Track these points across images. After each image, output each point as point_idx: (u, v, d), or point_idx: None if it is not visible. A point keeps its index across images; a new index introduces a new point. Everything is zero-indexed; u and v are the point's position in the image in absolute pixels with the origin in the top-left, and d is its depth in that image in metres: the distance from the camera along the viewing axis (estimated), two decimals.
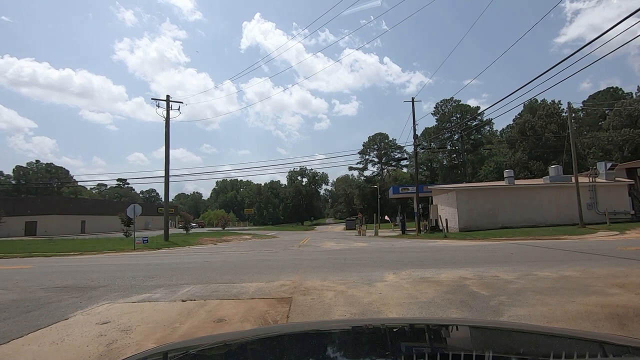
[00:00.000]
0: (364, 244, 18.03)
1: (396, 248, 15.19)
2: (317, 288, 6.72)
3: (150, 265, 11.50)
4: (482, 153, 69.58)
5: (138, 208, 20.00)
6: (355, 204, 78.20)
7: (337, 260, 11.14)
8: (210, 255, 14.67)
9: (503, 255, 11.14)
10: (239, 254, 14.82)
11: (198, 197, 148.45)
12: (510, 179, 26.40)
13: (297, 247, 17.47)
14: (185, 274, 9.07)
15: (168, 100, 24.61)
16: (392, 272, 8.26)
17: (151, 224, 65.60)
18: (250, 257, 13.22)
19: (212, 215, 73.68)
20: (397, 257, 11.56)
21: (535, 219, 23.98)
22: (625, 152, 44.07)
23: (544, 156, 54.08)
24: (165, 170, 24.01)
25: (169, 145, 24.17)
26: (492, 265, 8.99)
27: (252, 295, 6.31)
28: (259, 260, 11.95)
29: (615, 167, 25.52)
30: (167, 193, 24.54)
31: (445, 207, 27.00)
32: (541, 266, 8.50)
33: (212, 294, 6.46)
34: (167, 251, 18.04)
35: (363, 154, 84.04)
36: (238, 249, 17.70)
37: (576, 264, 8.58)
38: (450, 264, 9.50)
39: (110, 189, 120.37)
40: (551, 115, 57.35)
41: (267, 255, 13.98)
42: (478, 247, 14.32)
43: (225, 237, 31.70)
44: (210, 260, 12.53)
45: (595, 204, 24.31)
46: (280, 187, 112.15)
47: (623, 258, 9.41)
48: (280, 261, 11.58)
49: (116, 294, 6.81)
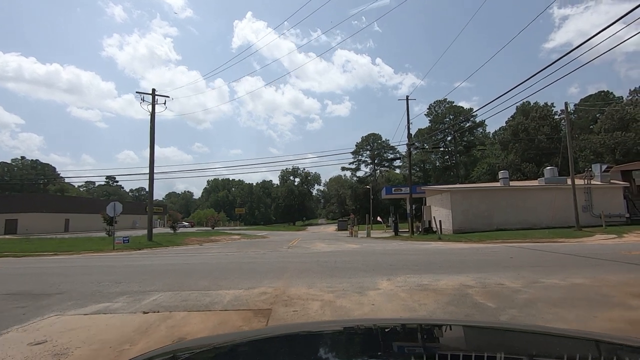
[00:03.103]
0: (356, 246, 17.30)
1: (389, 250, 14.48)
2: (302, 297, 5.95)
3: (124, 268, 10.60)
4: (475, 155, 69.47)
5: (119, 206, 18.99)
6: (348, 204, 77.54)
7: (326, 263, 10.37)
8: (192, 257, 13.79)
9: (503, 259, 10.49)
10: (223, 256, 13.96)
11: (189, 196, 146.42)
12: (505, 180, 25.93)
13: (285, 249, 16.66)
14: (158, 279, 8.22)
15: (154, 95, 23.60)
16: (386, 278, 7.51)
17: (139, 223, 64.22)
18: (235, 259, 12.38)
19: (201, 215, 72.24)
20: (390, 260, 10.84)
21: (530, 221, 23.50)
22: (617, 155, 44.11)
23: (536, 158, 54.05)
24: (149, 167, 23.01)
25: (153, 141, 23.19)
26: (493, 270, 8.31)
27: (226, 305, 5.50)
28: (243, 263, 11.12)
29: (611, 170, 25.21)
30: (152, 190, 23.52)
31: (439, 208, 26.42)
32: (546, 272, 7.84)
33: (181, 304, 5.64)
34: (148, 252, 17.08)
35: (356, 154, 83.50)
36: (224, 250, 16.83)
37: (583, 270, 7.94)
38: (448, 268, 8.80)
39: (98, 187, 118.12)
40: (544, 117, 57.41)
41: (253, 257, 13.15)
42: (475, 250, 13.68)
43: (214, 237, 30.75)
44: (191, 263, 11.66)
45: (590, 206, 23.94)
46: (272, 187, 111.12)
47: (631, 264, 8.81)
48: (265, 264, 10.77)
49: (71, 302, 5.95)
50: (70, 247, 18.67)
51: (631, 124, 46.26)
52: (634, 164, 26.39)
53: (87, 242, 22.23)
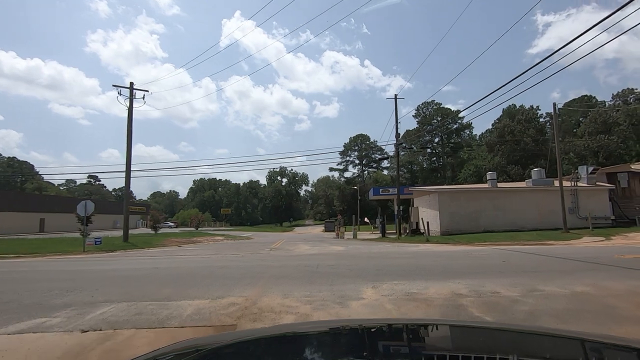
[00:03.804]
0: (341, 248, 16.61)
1: (376, 253, 13.84)
2: (275, 309, 5.20)
3: (84, 273, 9.64)
4: (462, 156, 69.84)
5: (90, 205, 17.86)
6: (335, 205, 76.92)
7: (308, 268, 9.63)
8: (165, 260, 12.86)
9: (494, 263, 9.95)
10: (199, 259, 13.07)
11: (174, 196, 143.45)
12: (493, 182, 25.70)
13: (267, 251, 15.84)
14: (117, 286, 7.34)
15: (131, 88, 22.47)
16: (371, 286, 6.83)
17: (120, 223, 62.28)
18: (210, 263, 11.52)
19: (185, 215, 70.47)
20: (376, 264, 10.17)
21: (517, 223, 23.26)
22: (600, 158, 44.72)
23: (522, 161, 54.51)
24: (126, 164, 21.86)
25: (131, 137, 22.04)
26: (486, 276, 7.72)
27: (185, 321, 4.71)
28: (218, 267, 10.29)
29: (597, 172, 25.23)
30: (128, 189, 22.36)
31: (426, 210, 26.00)
32: (543, 278, 7.29)
33: (132, 319, 4.81)
34: (119, 254, 16.01)
35: (344, 155, 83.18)
36: (201, 252, 15.91)
37: (581, 276, 7.42)
38: (438, 274, 8.18)
39: (80, 186, 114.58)
40: (529, 120, 58.01)
41: (230, 260, 12.31)
42: (464, 253, 13.16)
43: (196, 238, 29.68)
44: (161, 267, 10.76)
45: (576, 208, 23.87)
46: (260, 187, 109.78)
47: (629, 268, 8.36)
48: (242, 268, 9.96)
49: (4, 317, 5.05)
50: (36, 249, 17.43)
51: (614, 127, 47.06)
52: (619, 167, 26.51)
53: (57, 243, 20.94)
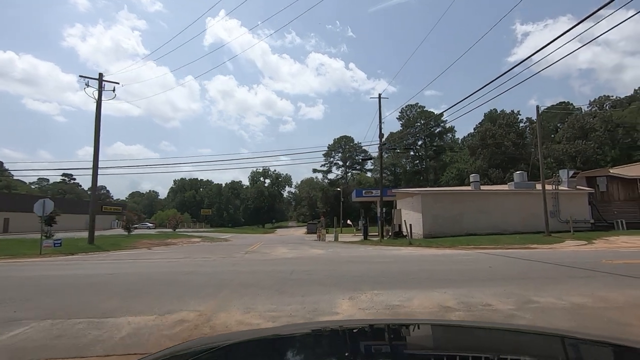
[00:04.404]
0: (321, 251, 15.80)
1: (356, 257, 13.09)
2: (231, 328, 4.33)
3: (25, 280, 8.48)
4: (444, 160, 70.37)
5: (49, 203, 16.45)
6: (319, 207, 76.15)
7: (281, 274, 8.77)
8: (127, 265, 11.73)
9: (481, 269, 9.34)
10: (165, 263, 12.00)
11: (154, 196, 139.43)
12: (476, 184, 25.47)
13: (242, 254, 14.86)
14: (54, 297, 6.30)
15: (100, 80, 21.05)
16: (347, 296, 6.03)
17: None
18: (176, 268, 10.49)
19: (163, 216, 68.11)
20: (356, 270, 9.41)
21: (500, 226, 23.04)
22: (577, 163, 45.59)
23: (502, 164, 55.18)
24: (93, 160, 20.42)
25: (99, 132, 20.62)
26: (474, 284, 7.06)
27: (114, 347, 3.77)
28: (183, 273, 9.29)
29: (577, 176, 25.36)
30: (95, 186, 20.91)
31: (409, 212, 25.52)
32: (535, 286, 6.67)
33: (48, 344, 3.85)
34: (79, 258, 14.69)
35: (328, 156, 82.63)
36: (171, 256, 14.79)
37: (575, 285, 6.85)
38: (422, 281, 7.47)
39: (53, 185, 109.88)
40: (510, 125, 58.91)
41: (199, 264, 11.30)
42: (448, 257, 12.57)
43: (171, 239, 28.33)
44: (119, 272, 9.67)
45: (557, 211, 23.86)
46: (242, 188, 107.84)
47: (622, 275, 7.88)
48: (209, 274, 9.01)
49: None
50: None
51: (591, 133, 48.15)
52: (598, 171, 26.78)
53: (15, 245, 19.28)
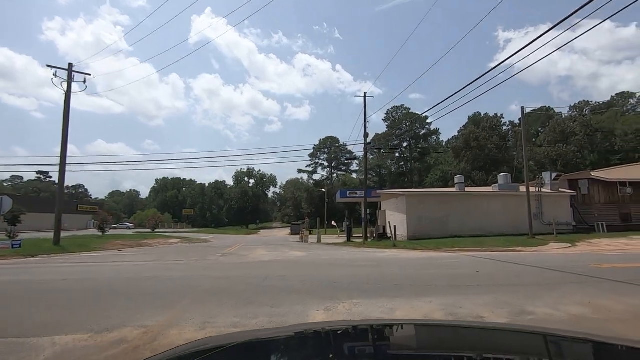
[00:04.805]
0: (302, 254, 15.09)
1: (338, 260, 12.44)
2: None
3: None
4: (429, 162, 70.73)
5: (7, 201, 15.18)
6: (304, 208, 75.43)
7: (253, 280, 8.02)
8: (87, 269, 10.75)
9: (468, 273, 8.82)
10: (130, 267, 11.06)
11: (135, 195, 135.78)
12: (461, 186, 25.26)
13: (216, 257, 13.99)
14: None
15: (70, 70, 19.76)
16: (323, 307, 5.36)
17: (67, 223, 57.39)
18: (140, 272, 9.59)
19: (143, 216, 66.02)
20: (336, 275, 8.74)
21: (484, 228, 22.84)
22: (558, 166, 46.33)
23: (486, 167, 55.73)
24: (60, 156, 19.08)
25: (67, 125, 19.29)
26: (462, 291, 6.49)
27: None
28: (145, 278, 8.43)
29: (560, 178, 25.48)
30: (62, 183, 19.54)
31: (394, 213, 25.10)
32: (527, 294, 6.16)
33: None
34: (38, 260, 13.52)
35: (313, 157, 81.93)
36: (140, 258, 13.80)
37: (569, 292, 6.37)
38: (406, 289, 6.87)
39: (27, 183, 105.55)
40: (493, 127, 59.62)
41: (167, 268, 10.42)
42: (433, 260, 12.06)
43: (147, 240, 27.11)
44: (73, 278, 8.73)
45: (540, 214, 23.86)
46: (226, 188, 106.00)
47: (614, 281, 7.46)
48: (173, 280, 8.18)
49: None
50: None
51: (571, 137, 49.09)
52: (580, 173, 27.01)
53: None
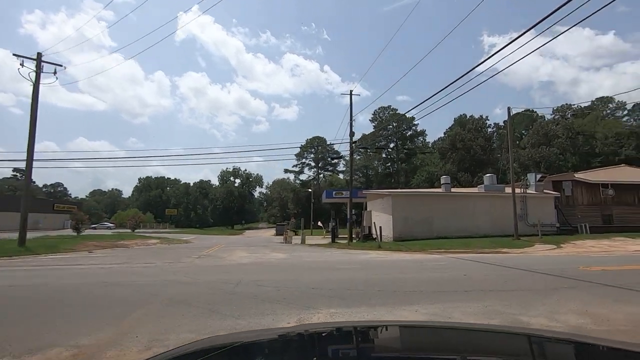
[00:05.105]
0: (283, 256, 14.42)
1: (320, 263, 11.84)
2: None
3: None
4: (415, 163, 70.92)
5: None
6: (290, 208, 74.64)
7: (225, 285, 7.34)
8: (44, 273, 9.83)
9: (455, 277, 8.34)
10: (94, 271, 10.19)
11: (117, 194, 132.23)
12: (447, 186, 25.02)
13: (192, 259, 13.19)
14: None
15: (39, 60, 18.62)
16: (296, 318, 4.75)
17: (42, 222, 55.21)
18: (100, 277, 8.77)
19: (124, 216, 64.06)
20: (315, 279, 8.13)
21: (470, 229, 22.63)
22: (541, 168, 46.87)
23: (471, 168, 56.11)
24: (27, 151, 17.89)
25: (35, 119, 18.11)
26: (449, 298, 5.98)
27: None
28: (103, 284, 7.64)
29: (544, 179, 25.53)
30: (28, 180, 18.34)
31: (379, 214, 24.68)
32: (519, 301, 5.68)
33: None
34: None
35: (300, 157, 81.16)
36: (109, 261, 12.89)
37: (563, 298, 5.93)
38: (390, 295, 6.31)
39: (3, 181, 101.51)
40: (478, 129, 60.12)
41: (134, 272, 9.61)
42: (419, 263, 11.59)
43: (124, 241, 25.89)
44: (22, 284, 7.88)
45: (525, 215, 23.81)
46: (211, 188, 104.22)
47: (607, 285, 7.08)
48: (135, 286, 7.42)
49: None
50: None
51: (553, 139, 49.82)
52: (564, 175, 27.15)
53: None
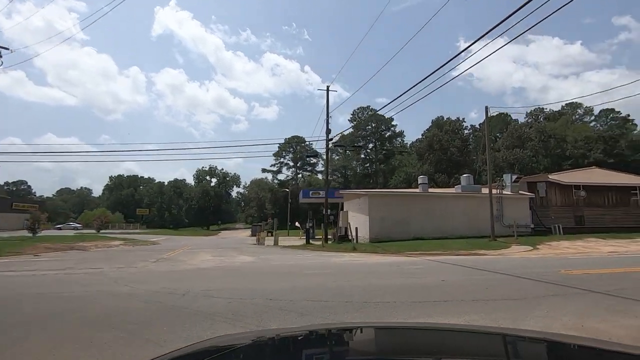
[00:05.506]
0: (250, 259, 13.35)
1: (288, 267, 10.87)
2: None
3: None
4: (393, 163, 71.13)
5: None
6: (267, 208, 73.19)
7: (167, 297, 6.23)
8: None
9: (433, 283, 7.58)
10: (24, 279, 8.80)
11: (86, 193, 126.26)
12: (424, 186, 24.64)
13: (147, 263, 11.89)
14: None
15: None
16: None
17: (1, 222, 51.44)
18: (22, 289, 7.44)
19: (90, 215, 60.79)
20: (277, 288, 7.15)
21: (446, 230, 22.28)
22: (515, 170, 47.73)
23: (448, 169, 56.62)
24: None
25: None
26: (427, 310, 5.16)
27: None
28: (18, 299, 6.37)
29: (520, 180, 25.59)
30: None
31: (356, 214, 23.97)
32: (505, 314, 4.93)
33: None
34: None
35: (278, 156, 79.81)
36: (52, 266, 11.40)
37: (552, 307, 5.23)
38: (360, 307, 5.42)
39: None
40: (455, 131, 60.85)
41: (69, 280, 8.31)
42: (395, 266, 10.82)
43: (84, 242, 24.01)
44: None
45: (501, 216, 23.72)
46: (186, 187, 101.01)
47: (595, 292, 6.48)
48: (58, 299, 6.21)
49: None
50: None
51: (527, 142, 50.93)
52: (538, 176, 27.36)
53: None
